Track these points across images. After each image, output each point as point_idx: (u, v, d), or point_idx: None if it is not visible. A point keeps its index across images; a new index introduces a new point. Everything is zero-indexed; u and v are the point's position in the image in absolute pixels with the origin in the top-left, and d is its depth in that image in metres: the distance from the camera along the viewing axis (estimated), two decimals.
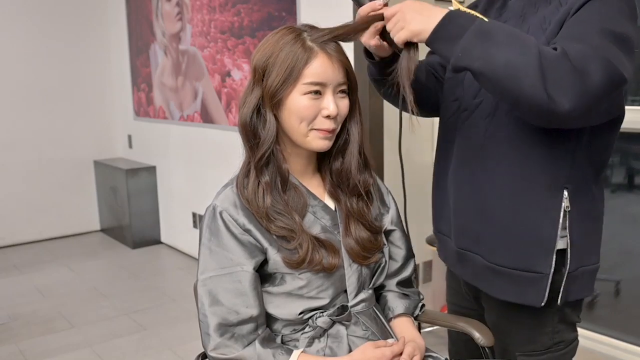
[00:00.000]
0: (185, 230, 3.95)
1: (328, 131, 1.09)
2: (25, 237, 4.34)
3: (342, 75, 1.09)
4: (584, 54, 0.93)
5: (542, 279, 1.13)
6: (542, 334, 1.21)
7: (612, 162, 2.61)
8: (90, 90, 4.54)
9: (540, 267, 1.13)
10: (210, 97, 3.50)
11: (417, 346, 1.18)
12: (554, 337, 1.21)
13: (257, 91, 1.09)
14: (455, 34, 1.00)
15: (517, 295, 1.17)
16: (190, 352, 2.47)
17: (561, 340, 1.22)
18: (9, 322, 2.92)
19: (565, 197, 1.11)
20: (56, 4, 4.30)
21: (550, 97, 0.92)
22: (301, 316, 1.13)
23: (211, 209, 1.12)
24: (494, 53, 0.96)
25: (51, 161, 4.39)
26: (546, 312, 1.18)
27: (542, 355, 1.22)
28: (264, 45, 1.09)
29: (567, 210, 1.11)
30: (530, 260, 1.14)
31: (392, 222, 1.27)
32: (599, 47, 0.95)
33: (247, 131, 1.11)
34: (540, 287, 1.13)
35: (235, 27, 3.20)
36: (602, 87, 0.93)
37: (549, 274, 1.12)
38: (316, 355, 1.12)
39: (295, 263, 1.07)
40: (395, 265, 1.28)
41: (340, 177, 1.17)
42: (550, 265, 1.12)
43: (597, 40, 0.96)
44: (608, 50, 0.95)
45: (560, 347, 1.23)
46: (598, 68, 0.92)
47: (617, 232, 2.54)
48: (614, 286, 2.55)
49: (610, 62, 0.93)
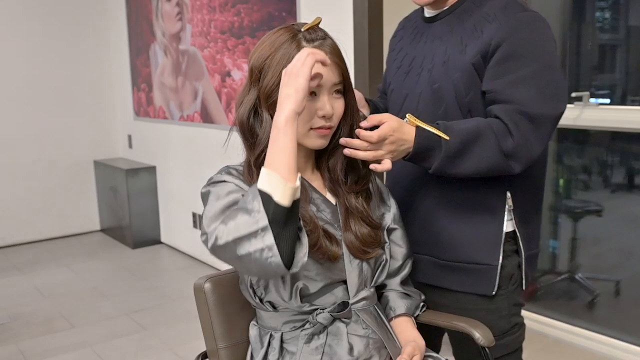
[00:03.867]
0: (185, 230, 3.95)
1: (325, 129, 1.10)
2: (25, 237, 4.34)
3: (337, 75, 1.09)
4: (529, 121, 1.14)
5: (492, 270, 1.27)
6: (499, 317, 1.30)
7: (612, 162, 2.61)
8: (90, 90, 4.54)
9: (490, 260, 1.27)
10: (210, 97, 3.50)
11: (417, 346, 1.18)
12: (510, 320, 1.32)
13: (254, 92, 1.10)
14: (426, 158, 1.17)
15: (471, 286, 1.29)
16: (190, 352, 2.47)
17: (516, 322, 1.33)
18: (9, 322, 2.92)
19: (509, 197, 1.26)
20: (56, 4, 4.30)
21: (511, 167, 1.16)
22: (303, 305, 1.12)
23: (218, 173, 1.12)
24: (466, 166, 1.16)
25: (51, 161, 4.39)
26: (500, 297, 1.29)
27: (502, 339, 1.30)
28: (261, 46, 1.11)
29: (511, 208, 1.27)
30: (480, 255, 1.27)
31: (394, 220, 1.28)
32: (535, 97, 1.14)
33: (244, 130, 1.12)
34: (492, 277, 1.27)
35: (235, 27, 3.20)
36: (543, 147, 1.19)
37: (497, 265, 1.26)
38: (315, 351, 1.12)
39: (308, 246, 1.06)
40: (396, 263, 1.29)
41: (337, 174, 1.18)
42: (498, 257, 1.26)
43: (531, 89, 1.15)
44: (544, 94, 1.15)
45: (516, 329, 1.34)
46: (539, 139, 1.16)
47: (617, 232, 2.54)
48: (614, 286, 2.55)
49: (549, 118, 1.16)
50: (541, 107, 1.14)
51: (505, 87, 1.16)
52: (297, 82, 0.96)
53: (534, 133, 1.14)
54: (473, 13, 1.24)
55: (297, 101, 0.95)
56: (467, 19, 1.24)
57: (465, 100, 1.22)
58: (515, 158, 1.15)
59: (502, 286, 1.28)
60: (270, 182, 0.92)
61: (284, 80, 0.98)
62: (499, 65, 1.17)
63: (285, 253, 0.92)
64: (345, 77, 1.12)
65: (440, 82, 1.25)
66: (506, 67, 1.16)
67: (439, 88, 1.25)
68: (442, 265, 1.32)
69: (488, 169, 1.16)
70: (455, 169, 1.17)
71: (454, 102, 1.23)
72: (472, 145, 1.14)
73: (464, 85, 1.21)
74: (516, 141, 1.13)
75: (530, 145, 1.15)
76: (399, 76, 1.37)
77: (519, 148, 1.14)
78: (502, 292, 1.29)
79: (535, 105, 1.14)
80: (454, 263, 1.30)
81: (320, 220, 1.13)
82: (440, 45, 1.27)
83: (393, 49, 1.45)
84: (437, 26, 1.30)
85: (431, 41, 1.30)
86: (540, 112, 1.14)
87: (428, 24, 1.34)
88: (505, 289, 1.29)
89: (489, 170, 1.17)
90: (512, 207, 1.27)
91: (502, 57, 1.16)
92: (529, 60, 1.16)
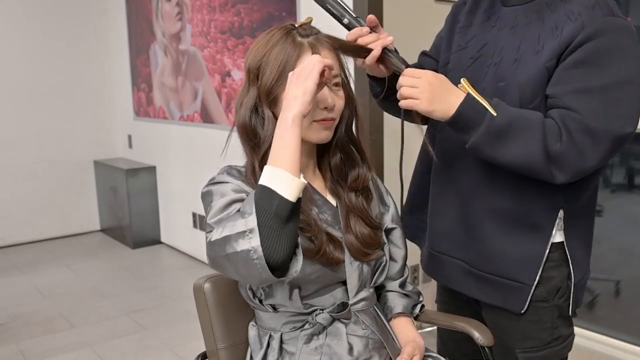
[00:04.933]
0: (185, 230, 3.95)
1: (328, 121, 1.10)
2: (25, 237, 4.34)
3: (336, 68, 1.10)
4: (586, 134, 1.04)
5: (525, 288, 1.18)
6: (541, 329, 1.22)
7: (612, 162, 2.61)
8: (90, 90, 4.54)
9: (525, 279, 1.18)
10: (210, 97, 3.50)
11: (417, 346, 1.18)
12: (552, 332, 1.23)
13: (253, 91, 1.11)
14: (467, 128, 1.09)
15: (499, 300, 1.22)
16: (190, 352, 2.47)
17: (559, 335, 1.24)
18: (9, 322, 2.92)
19: (560, 217, 1.17)
20: (56, 4, 4.30)
21: (553, 175, 1.07)
22: (305, 305, 1.12)
23: (219, 174, 1.12)
24: (504, 151, 1.07)
25: (51, 161, 4.39)
26: (545, 308, 1.21)
27: (542, 351, 1.23)
28: (256, 47, 1.11)
29: (562, 228, 1.18)
30: (515, 271, 1.19)
31: (393, 220, 1.28)
32: (599, 112, 1.04)
33: (247, 132, 1.11)
34: (523, 296, 1.19)
35: (235, 27, 3.20)
36: (598, 164, 1.08)
37: (531, 285, 1.18)
38: (314, 351, 1.12)
39: (311, 252, 1.07)
40: (396, 266, 1.28)
41: (339, 172, 1.18)
42: (535, 277, 1.17)
43: (597, 102, 1.04)
44: (609, 111, 1.05)
45: (559, 342, 1.24)
46: (597, 152, 1.05)
47: (617, 232, 2.54)
48: (614, 286, 2.55)
49: (610, 137, 1.05)
50: (602, 123, 1.04)
51: (568, 93, 1.06)
52: (306, 84, 0.97)
53: (587, 146, 1.04)
54: (557, 8, 1.11)
55: (304, 103, 0.96)
56: (550, 14, 1.12)
57: (530, 107, 1.11)
58: (558, 165, 1.06)
59: (548, 299, 1.20)
60: (275, 178, 0.93)
61: (292, 80, 0.99)
62: (568, 70, 1.07)
63: (276, 255, 0.91)
64: (343, 69, 1.14)
65: (507, 81, 1.14)
66: (575, 73, 1.06)
67: (504, 87, 1.14)
68: (474, 274, 1.24)
69: (527, 166, 1.07)
70: (492, 151, 1.08)
71: (516, 106, 1.11)
72: (517, 131, 1.06)
73: (531, 90, 1.11)
74: (564, 147, 1.05)
75: (582, 158, 1.05)
76: (464, 60, 1.24)
77: (564, 155, 1.05)
78: (547, 305, 1.21)
79: (595, 119, 1.04)
80: (487, 275, 1.22)
81: (323, 222, 1.13)
82: (512, 38, 1.15)
83: (458, 21, 1.30)
84: (513, 12, 1.18)
85: (503, 29, 1.18)
86: (599, 126, 1.04)
87: (504, 7, 1.20)
88: (551, 301, 1.21)
89: (527, 168, 1.08)
90: (564, 228, 1.18)
91: (574, 61, 1.06)
92: (602, 72, 1.05)
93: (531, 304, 1.20)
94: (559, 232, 1.18)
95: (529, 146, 1.05)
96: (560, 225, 1.17)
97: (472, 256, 1.24)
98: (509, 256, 1.19)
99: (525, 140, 1.06)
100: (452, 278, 1.30)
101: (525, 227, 1.17)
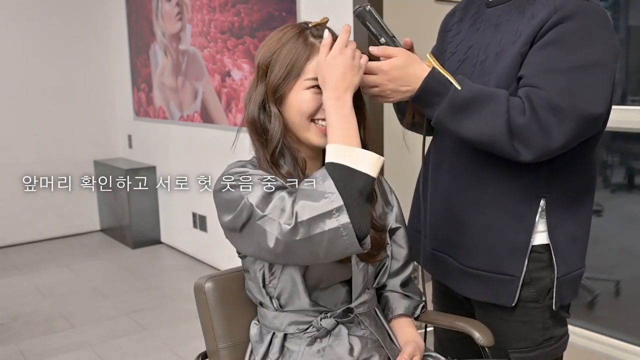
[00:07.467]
0: (185, 230, 3.95)
1: None
2: (25, 237, 4.34)
3: None
4: (550, 111, 1.02)
5: (514, 281, 1.18)
6: (533, 330, 1.22)
7: (612, 162, 2.61)
8: (90, 90, 4.54)
9: (512, 270, 1.18)
10: (210, 97, 3.50)
11: (417, 346, 1.18)
12: (544, 333, 1.23)
13: (261, 87, 1.10)
14: (432, 102, 1.11)
15: (489, 296, 1.22)
16: (190, 352, 2.46)
17: (552, 336, 1.24)
18: (9, 322, 2.92)
19: (542, 206, 1.16)
20: (56, 4, 4.30)
21: (517, 151, 1.06)
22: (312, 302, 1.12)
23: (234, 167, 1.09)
24: (467, 125, 1.08)
25: (51, 161, 4.39)
26: (536, 308, 1.21)
27: (534, 352, 1.23)
28: (268, 43, 1.10)
29: (544, 217, 1.17)
30: (502, 264, 1.19)
31: (397, 220, 1.28)
32: (565, 91, 1.03)
33: (256, 127, 1.11)
34: (512, 289, 1.19)
35: (235, 27, 3.20)
36: (564, 145, 1.05)
37: (519, 277, 1.17)
38: (317, 354, 1.12)
39: None
40: (396, 264, 1.28)
41: None
42: (521, 269, 1.17)
43: (564, 82, 1.04)
44: (576, 91, 1.03)
45: (552, 342, 1.24)
46: (562, 131, 1.03)
47: (617, 232, 2.54)
48: (614, 286, 2.55)
49: (575, 116, 1.03)
50: (567, 101, 1.03)
51: (535, 73, 1.06)
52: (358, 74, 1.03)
53: (551, 123, 1.03)
54: (536, 1, 1.12)
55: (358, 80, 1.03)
56: (529, 7, 1.13)
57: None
58: (521, 139, 1.04)
59: (539, 299, 1.20)
60: (356, 157, 0.96)
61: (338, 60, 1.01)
62: (538, 51, 1.07)
63: (365, 228, 0.94)
64: None
65: (489, 75, 1.15)
66: (545, 54, 1.06)
67: (487, 82, 1.15)
68: (464, 271, 1.25)
69: (490, 140, 1.06)
70: (457, 125, 1.09)
71: None
72: (480, 104, 1.06)
73: (506, 77, 1.12)
74: (526, 120, 1.03)
75: (546, 135, 1.03)
76: (452, 63, 1.26)
77: (527, 129, 1.03)
78: (538, 305, 1.20)
79: (560, 97, 1.03)
80: (476, 271, 1.22)
81: None
82: (495, 35, 1.17)
83: (449, 30, 1.34)
84: (496, 12, 1.20)
85: (487, 29, 1.20)
86: (564, 104, 1.02)
87: (487, 9, 1.23)
88: (542, 302, 1.20)
89: (491, 142, 1.07)
90: (547, 217, 1.17)
91: (544, 42, 1.06)
92: (571, 53, 1.05)
93: (522, 304, 1.20)
94: (541, 220, 1.17)
95: (493, 119, 1.05)
96: (542, 214, 1.17)
97: (460, 252, 1.25)
98: (495, 250, 1.19)
99: (489, 113, 1.06)
100: (446, 276, 1.31)
101: (508, 217, 1.17)
